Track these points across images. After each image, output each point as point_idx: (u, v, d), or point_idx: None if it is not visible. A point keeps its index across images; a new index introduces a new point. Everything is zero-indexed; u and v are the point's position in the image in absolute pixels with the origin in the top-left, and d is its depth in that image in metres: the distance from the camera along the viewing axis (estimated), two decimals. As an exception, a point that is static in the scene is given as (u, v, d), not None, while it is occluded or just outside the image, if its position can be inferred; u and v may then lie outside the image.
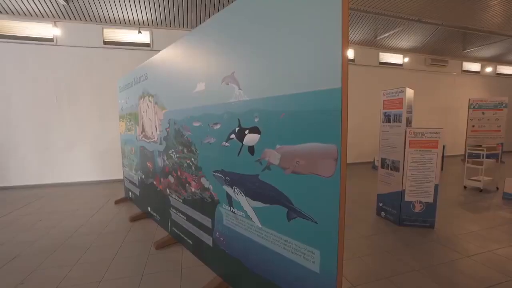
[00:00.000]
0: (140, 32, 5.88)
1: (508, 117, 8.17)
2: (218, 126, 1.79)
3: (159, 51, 2.71)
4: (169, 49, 2.46)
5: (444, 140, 8.40)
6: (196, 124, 2.05)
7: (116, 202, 4.46)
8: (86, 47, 5.74)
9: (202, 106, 1.96)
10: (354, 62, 7.93)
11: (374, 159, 7.52)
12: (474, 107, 8.20)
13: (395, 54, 8.54)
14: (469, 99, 8.31)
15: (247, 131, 1.52)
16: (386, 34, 7.44)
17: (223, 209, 1.87)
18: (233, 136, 1.65)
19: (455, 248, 2.76)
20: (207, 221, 2.10)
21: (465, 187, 5.19)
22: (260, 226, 1.53)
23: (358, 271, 2.38)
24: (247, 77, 1.51)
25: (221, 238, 1.94)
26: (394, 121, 3.17)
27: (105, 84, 5.89)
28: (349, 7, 5.55)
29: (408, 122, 3.16)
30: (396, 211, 3.29)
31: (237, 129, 1.61)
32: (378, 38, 7.61)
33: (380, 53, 8.33)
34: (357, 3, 5.44)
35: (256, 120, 1.45)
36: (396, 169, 3.20)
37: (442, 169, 7.15)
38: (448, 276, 2.26)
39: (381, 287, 2.14)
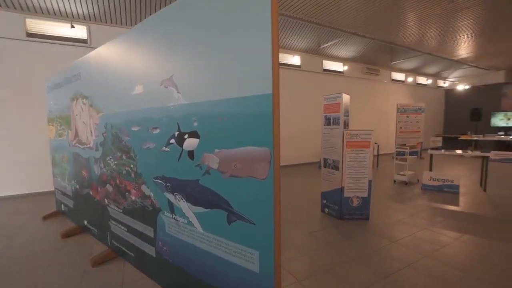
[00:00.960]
0: (73, 27, 5.30)
1: (425, 120, 9.59)
2: (158, 130, 1.72)
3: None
4: (105, 47, 2.27)
5: (377, 140, 9.46)
6: (135, 128, 1.93)
7: (45, 218, 3.91)
8: (4, 38, 4.94)
9: (141, 109, 1.86)
10: (300, 68, 8.41)
11: (320, 160, 8.06)
12: (401, 111, 9.37)
13: (336, 62, 9.31)
14: (397, 104, 9.49)
15: (186, 136, 1.49)
16: (328, 44, 8.07)
17: (165, 216, 1.80)
18: (172, 140, 1.60)
19: (384, 235, 3.11)
20: (149, 231, 1.98)
21: (394, 181, 5.91)
22: (202, 231, 1.51)
23: (304, 266, 2.52)
24: (185, 81, 1.48)
25: (164, 247, 1.86)
26: (333, 124, 3.45)
27: (30, 83, 5.15)
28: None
29: (346, 125, 3.48)
30: (337, 207, 3.58)
31: (176, 133, 1.57)
32: (322, 47, 8.22)
33: (324, 61, 8.99)
34: (301, 13, 5.80)
35: (195, 124, 1.43)
36: (336, 168, 3.48)
37: (377, 166, 8.03)
38: (378, 262, 2.54)
39: (325, 279, 2.29)
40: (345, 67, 9.48)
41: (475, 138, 9.81)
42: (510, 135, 9.34)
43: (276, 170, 1.09)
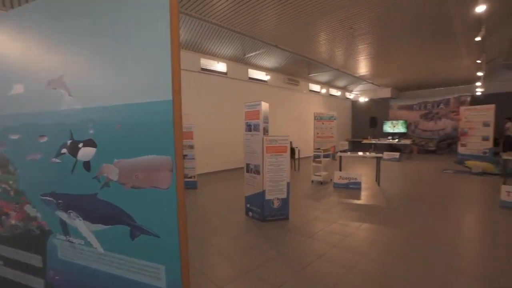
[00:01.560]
0: None
1: (337, 126, 11.05)
2: (45, 139, 1.46)
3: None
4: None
5: (299, 145, 10.36)
6: (14, 136, 1.59)
7: None
8: None
9: (22, 113, 1.54)
10: (227, 75, 8.56)
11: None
12: (317, 118, 10.54)
13: (261, 72, 9.84)
14: (314, 112, 10.64)
15: (81, 145, 1.31)
16: (253, 54, 8.48)
17: (57, 240, 1.53)
18: (64, 150, 1.38)
19: (302, 232, 3.40)
20: (36, 260, 1.65)
21: (312, 181, 6.55)
22: (102, 251, 1.34)
23: (226, 272, 2.52)
24: (79, 82, 1.31)
25: (57, 277, 1.57)
26: (254, 130, 3.62)
27: None
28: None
29: (265, 131, 3.69)
30: (260, 209, 3.73)
31: (69, 142, 1.36)
32: (247, 56, 8.56)
33: (249, 69, 9.38)
34: (226, 21, 5.93)
35: (91, 132, 1.28)
36: (257, 172, 3.65)
37: (298, 168, 8.76)
38: (295, 257, 2.75)
39: (246, 282, 2.34)
40: (269, 77, 10.12)
41: (373, 142, 11.82)
42: (395, 139, 11.59)
43: (178, 179, 1.06)
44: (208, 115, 8.04)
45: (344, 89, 15.15)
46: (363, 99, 15.24)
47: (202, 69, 7.82)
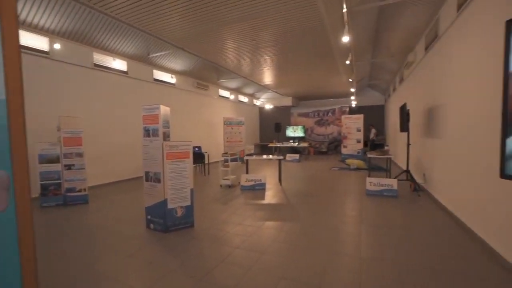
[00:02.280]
0: None
1: (246, 131, 11.63)
2: None
3: None
4: None
5: (209, 150, 10.34)
6: None
7: None
8: None
9: None
10: (127, 74, 7.73)
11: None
12: (226, 123, 10.80)
13: (168, 74, 9.34)
14: (223, 117, 10.86)
15: None
16: (158, 54, 7.95)
17: None
18: None
19: (207, 238, 3.36)
20: None
21: (221, 185, 6.62)
22: None
23: (115, 298, 2.22)
24: None
25: None
26: (153, 136, 3.37)
27: None
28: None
29: (166, 136, 3.49)
30: (162, 220, 3.49)
31: None
32: (151, 56, 7.96)
33: (154, 70, 8.76)
34: (124, 15, 5.34)
35: None
36: (158, 180, 3.40)
37: (208, 173, 8.71)
38: (198, 264, 2.68)
39: (139, 304, 2.11)
40: (177, 79, 9.72)
41: (278, 145, 13.00)
42: (295, 142, 13.10)
43: (21, 198, 0.85)
44: (105, 118, 7.04)
45: (252, 96, 16.12)
46: (268, 106, 16.59)
47: (96, 65, 6.80)
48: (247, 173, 6.68)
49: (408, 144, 5.75)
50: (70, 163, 5.05)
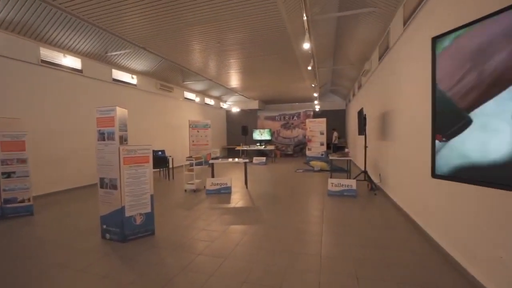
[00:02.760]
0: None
1: (212, 134, 11.46)
2: None
3: None
4: None
5: (173, 154, 10.01)
6: None
7: None
8: None
9: None
10: (82, 73, 7.17)
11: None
12: (192, 126, 10.54)
13: (129, 74, 8.86)
14: (189, 120, 10.59)
15: None
16: (117, 53, 7.51)
17: None
18: None
19: (168, 246, 3.23)
20: None
21: (185, 190, 6.43)
22: None
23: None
24: None
25: None
26: (108, 139, 3.16)
27: None
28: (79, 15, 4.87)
29: (124, 140, 3.29)
30: (119, 229, 3.27)
31: None
32: (109, 54, 7.49)
33: (114, 70, 8.25)
34: (80, 10, 4.94)
35: None
36: (114, 187, 3.19)
37: (173, 178, 8.41)
38: (159, 275, 2.55)
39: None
40: (138, 80, 9.27)
41: (245, 148, 13.04)
42: (262, 145, 13.26)
43: None
44: (55, 119, 6.43)
45: (218, 98, 15.98)
46: (235, 109, 16.59)
47: (43, 61, 6.19)
48: (212, 177, 6.58)
49: (365, 147, 6.16)
50: (9, 170, 4.50)
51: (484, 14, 1.20)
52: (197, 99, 13.35)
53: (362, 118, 5.95)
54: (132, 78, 9.01)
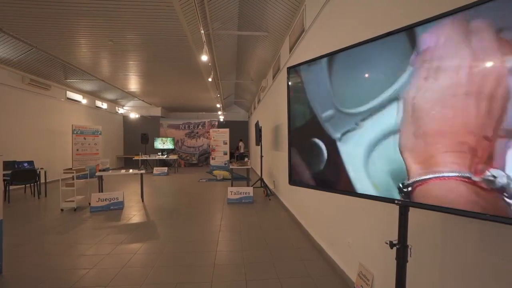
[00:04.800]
0: None
1: (105, 142, 10.00)
2: None
3: None
4: None
5: (49, 165, 8.17)
6: None
7: None
8: None
9: None
10: None
11: None
12: (77, 132, 8.91)
13: (-24, 61, 6.73)
14: (73, 125, 8.91)
15: None
16: (-44, 31, 5.59)
17: None
18: None
19: (21, 286, 2.57)
20: None
21: (62, 210, 5.33)
22: None
23: None
24: None
25: None
26: None
27: None
28: None
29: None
30: None
31: None
32: None
33: (-51, 53, 6.09)
34: None
35: None
36: None
37: (45, 195, 6.82)
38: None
39: None
40: (-6, 72, 7.18)
41: (145, 158, 11.96)
42: (164, 154, 12.53)
43: None
44: None
45: (114, 102, 14.18)
46: (134, 115, 15.09)
47: None
48: (101, 191, 5.71)
49: (261, 156, 6.75)
50: None
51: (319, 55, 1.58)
52: (84, 101, 11.40)
53: (258, 130, 6.52)
54: (-17, 67, 6.90)
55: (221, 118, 15.80)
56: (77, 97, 10.94)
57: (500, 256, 1.11)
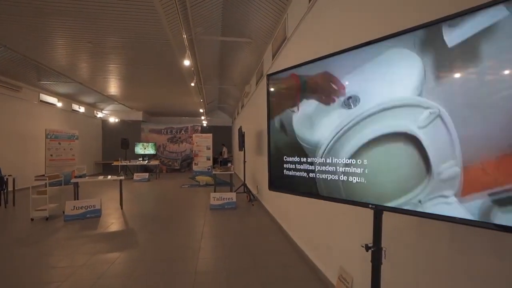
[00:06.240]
0: None
1: (81, 147, 9.57)
2: None
3: None
4: None
5: (19, 171, 7.71)
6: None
7: None
8: None
9: None
10: None
11: None
12: (51, 137, 8.47)
13: None
14: (46, 129, 8.46)
15: None
16: None
17: None
18: None
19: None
20: None
21: (32, 219, 5.02)
22: None
23: None
24: None
25: None
26: None
27: None
28: None
29: None
30: None
31: None
32: None
33: None
34: None
35: None
36: None
37: (13, 204, 6.41)
38: None
39: None
40: (-41, 72, 6.71)
41: (125, 163, 11.58)
42: (145, 160, 12.20)
43: None
44: None
45: (93, 106, 13.67)
46: (113, 119, 14.60)
47: None
48: (76, 199, 5.45)
49: (244, 161, 6.75)
50: None
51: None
52: (60, 104, 10.90)
53: (241, 135, 6.53)
54: None
55: (204, 123, 15.66)
56: (52, 100, 10.45)
57: (472, 255, 1.19)
